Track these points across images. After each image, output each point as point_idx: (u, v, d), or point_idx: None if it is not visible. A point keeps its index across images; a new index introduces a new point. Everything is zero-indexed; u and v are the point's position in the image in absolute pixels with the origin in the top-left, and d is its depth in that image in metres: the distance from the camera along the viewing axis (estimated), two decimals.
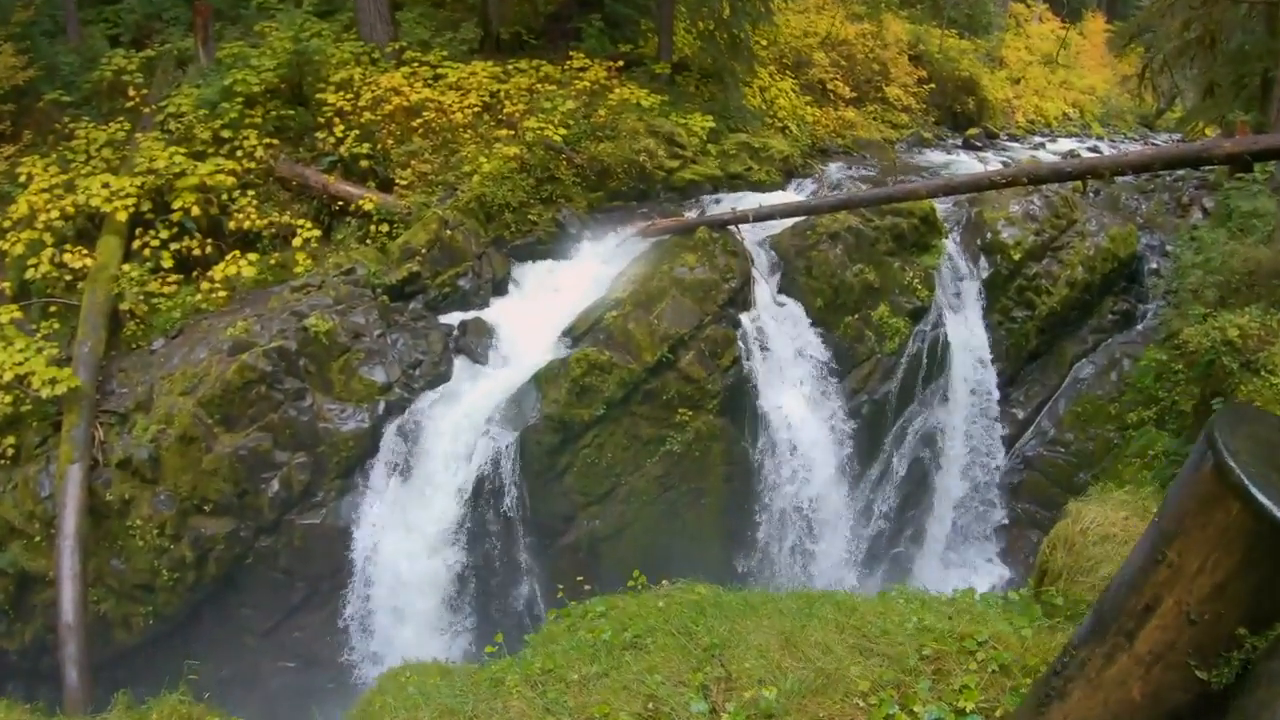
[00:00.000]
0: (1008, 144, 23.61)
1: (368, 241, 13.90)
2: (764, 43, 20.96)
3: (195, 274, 13.18)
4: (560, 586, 10.68)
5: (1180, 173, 16.55)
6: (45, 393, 11.00)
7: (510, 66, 16.61)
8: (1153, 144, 23.29)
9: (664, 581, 5.83)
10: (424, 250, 13.24)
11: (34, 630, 11.33)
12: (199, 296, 12.86)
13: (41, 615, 11.18)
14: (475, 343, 12.71)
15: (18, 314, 12.03)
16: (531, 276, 14.05)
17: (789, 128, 19.45)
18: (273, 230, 13.79)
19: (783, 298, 13.68)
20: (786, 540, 13.30)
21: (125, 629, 11.51)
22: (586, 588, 6.72)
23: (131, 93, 14.63)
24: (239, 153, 13.93)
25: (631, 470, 12.50)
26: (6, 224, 12.73)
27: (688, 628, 4.76)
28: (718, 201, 15.71)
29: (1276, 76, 13.48)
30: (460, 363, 12.58)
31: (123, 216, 12.77)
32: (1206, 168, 14.93)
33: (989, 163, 18.32)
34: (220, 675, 11.67)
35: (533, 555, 12.24)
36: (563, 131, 15.04)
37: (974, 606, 4.98)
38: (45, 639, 11.12)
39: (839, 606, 4.96)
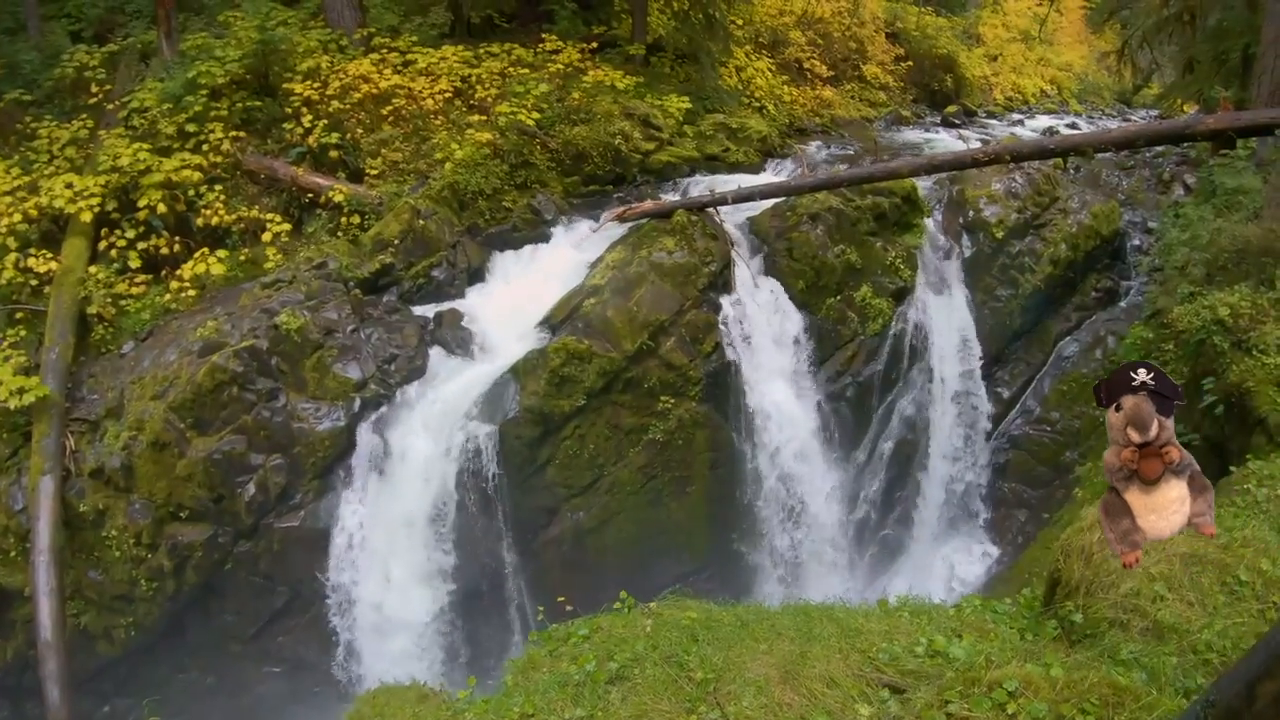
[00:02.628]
0: (986, 121, 23.45)
1: (339, 234, 13.59)
2: (740, 22, 20.72)
3: (164, 273, 12.91)
4: (545, 582, 10.56)
5: (1160, 149, 16.44)
6: (13, 403, 10.74)
7: (481, 50, 16.26)
8: (1133, 120, 23.18)
9: (651, 604, 5.57)
10: (396, 241, 12.99)
11: (15, 647, 11.11)
12: (168, 296, 12.58)
13: (22, 631, 10.96)
14: (451, 335, 12.47)
15: None
16: (507, 265, 13.78)
17: (766, 108, 19.25)
18: (242, 225, 13.48)
19: (764, 280, 13.49)
20: (773, 525, 13.19)
21: (107, 641, 11.30)
22: (569, 609, 6.46)
23: (94, 89, 14.29)
24: (205, 147, 13.60)
25: (614, 461, 12.35)
26: None
27: (678, 657, 4.51)
28: (695, 184, 15.47)
29: (1257, 52, 13.33)
30: (436, 355, 12.34)
31: (87, 217, 12.46)
32: (1188, 144, 14.79)
33: (968, 140, 18.15)
34: (207, 683, 11.54)
35: (516, 550, 12.09)
36: (536, 115, 14.75)
37: (983, 621, 4.75)
38: (27, 655, 10.89)
39: (841, 627, 4.70)
